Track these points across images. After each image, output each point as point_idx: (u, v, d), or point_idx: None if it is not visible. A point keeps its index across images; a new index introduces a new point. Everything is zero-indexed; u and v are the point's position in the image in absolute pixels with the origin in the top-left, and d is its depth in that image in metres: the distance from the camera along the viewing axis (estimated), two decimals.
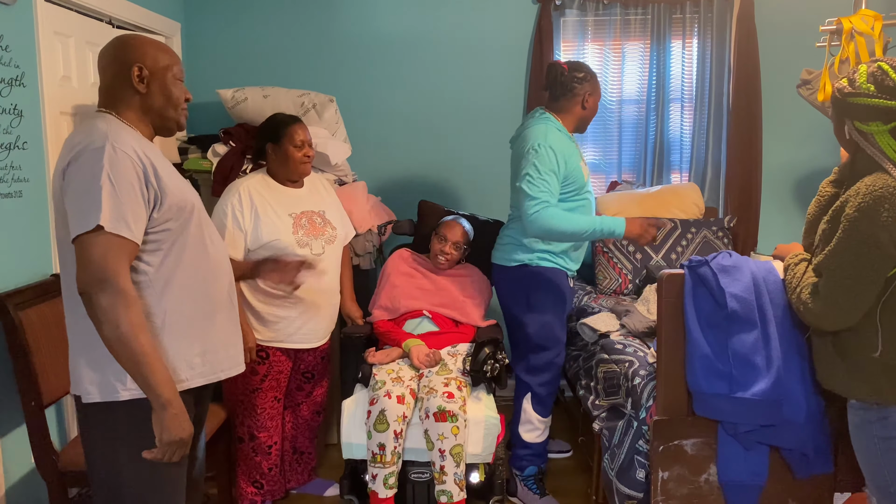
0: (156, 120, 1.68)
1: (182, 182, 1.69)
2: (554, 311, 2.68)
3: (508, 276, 2.71)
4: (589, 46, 3.78)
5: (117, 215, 1.48)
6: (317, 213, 2.65)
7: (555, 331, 2.69)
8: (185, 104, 1.72)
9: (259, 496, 2.69)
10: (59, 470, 2.14)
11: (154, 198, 1.56)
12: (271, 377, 2.61)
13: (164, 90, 1.66)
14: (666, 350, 2.09)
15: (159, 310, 1.59)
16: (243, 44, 3.75)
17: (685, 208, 3.49)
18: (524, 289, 2.67)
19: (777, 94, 3.74)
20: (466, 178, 3.89)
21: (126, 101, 1.64)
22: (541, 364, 2.71)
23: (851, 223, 1.68)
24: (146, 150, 1.59)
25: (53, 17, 2.56)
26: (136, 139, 1.60)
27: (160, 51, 1.67)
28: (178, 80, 1.69)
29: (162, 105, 1.67)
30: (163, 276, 1.59)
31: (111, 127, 1.57)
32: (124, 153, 1.51)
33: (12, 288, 2.19)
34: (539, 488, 2.81)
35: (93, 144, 1.51)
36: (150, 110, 1.66)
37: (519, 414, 2.77)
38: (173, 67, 1.68)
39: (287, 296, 2.50)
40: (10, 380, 2.15)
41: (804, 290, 1.83)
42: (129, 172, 1.51)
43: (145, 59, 1.64)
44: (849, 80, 1.75)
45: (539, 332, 2.67)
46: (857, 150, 1.77)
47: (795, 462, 2.07)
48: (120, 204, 1.48)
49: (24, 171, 2.36)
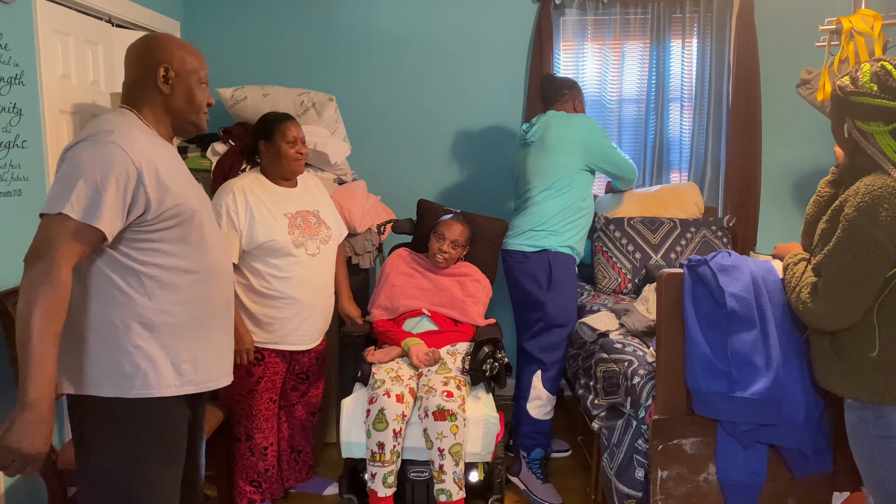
0: (175, 121, 1.70)
1: (190, 186, 1.68)
2: (569, 292, 2.95)
3: (530, 261, 2.93)
4: (588, 46, 3.78)
5: (90, 205, 1.46)
6: (311, 213, 2.64)
7: (570, 309, 2.95)
8: (206, 108, 1.74)
9: (258, 495, 2.69)
10: (58, 468, 2.14)
11: (145, 202, 1.54)
12: (267, 379, 2.61)
13: (187, 93, 1.67)
14: (665, 349, 2.09)
15: (150, 311, 1.58)
16: (243, 42, 3.75)
17: (685, 208, 3.50)
18: (546, 272, 2.90)
19: (777, 93, 3.74)
20: (466, 177, 3.89)
21: (148, 100, 1.66)
22: (556, 341, 2.91)
23: (850, 223, 1.68)
24: (154, 150, 1.59)
25: (53, 16, 2.55)
26: (148, 138, 1.60)
27: (188, 53, 1.69)
28: (202, 83, 1.71)
29: (183, 107, 1.68)
30: (158, 279, 1.59)
31: (123, 123, 1.58)
32: (122, 151, 1.51)
33: (11, 287, 2.19)
34: (543, 473, 2.91)
35: (97, 135, 1.52)
36: (171, 111, 1.67)
37: (528, 391, 2.93)
38: (200, 72, 1.70)
39: (282, 296, 2.51)
40: (8, 379, 2.15)
41: (803, 290, 1.83)
42: (120, 170, 1.50)
43: (172, 61, 1.65)
44: (851, 78, 1.74)
45: (557, 310, 2.90)
46: (857, 149, 1.77)
47: (794, 461, 2.08)
48: (98, 196, 1.47)
49: (24, 170, 2.36)
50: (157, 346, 1.59)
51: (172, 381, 1.61)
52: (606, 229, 3.39)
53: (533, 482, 2.89)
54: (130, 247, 1.57)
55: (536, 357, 2.91)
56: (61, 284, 1.44)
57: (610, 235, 3.38)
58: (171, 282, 1.60)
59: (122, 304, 1.56)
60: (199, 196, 1.73)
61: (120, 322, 1.56)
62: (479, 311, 2.91)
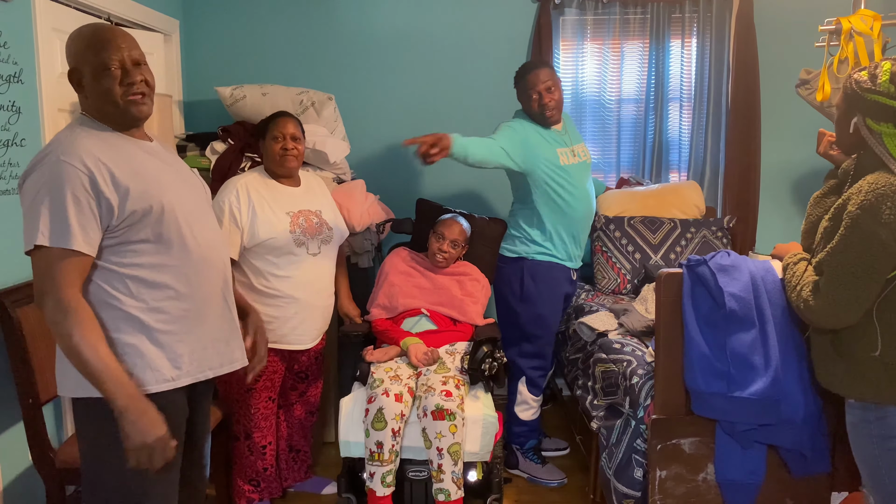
0: (106, 118, 1.62)
1: (159, 181, 1.63)
2: (546, 303, 2.90)
3: (507, 266, 2.95)
4: (588, 45, 3.78)
5: (59, 229, 1.48)
6: (313, 213, 2.64)
7: (546, 322, 2.92)
8: (127, 89, 1.58)
9: (256, 494, 2.69)
10: (57, 467, 2.13)
11: (107, 206, 1.53)
12: (265, 377, 2.60)
13: (93, 88, 1.59)
14: (664, 349, 2.09)
15: (139, 310, 1.58)
16: (242, 41, 3.75)
17: (685, 209, 3.49)
18: (519, 280, 2.90)
19: (776, 93, 3.74)
20: (465, 177, 3.88)
21: (84, 105, 1.65)
22: (532, 351, 2.95)
23: (853, 221, 1.68)
24: (105, 152, 1.56)
25: (51, 14, 2.55)
26: (99, 142, 1.57)
27: (81, 45, 1.58)
28: (105, 68, 1.56)
29: (100, 104, 1.61)
30: (140, 277, 1.59)
31: (70, 134, 1.57)
32: (69, 165, 1.50)
33: (10, 285, 2.18)
34: (539, 458, 3.06)
35: (44, 159, 1.52)
36: (97, 111, 1.62)
37: (514, 395, 3.01)
38: (94, 58, 1.56)
39: (281, 295, 2.51)
40: (7, 377, 2.14)
41: (805, 289, 1.82)
42: (75, 184, 1.49)
43: (72, 61, 1.60)
44: (870, 74, 1.72)
45: (530, 322, 2.90)
46: (862, 146, 1.77)
47: (793, 461, 2.08)
48: (62, 217, 1.48)
49: (22, 169, 2.34)
50: (149, 342, 1.59)
51: (169, 375, 1.62)
52: (606, 229, 3.39)
53: (533, 468, 3.03)
54: (108, 252, 1.57)
55: (517, 363, 2.96)
56: (79, 308, 1.49)
57: (610, 235, 3.37)
58: (156, 279, 1.60)
59: (110, 307, 1.57)
60: (180, 187, 1.69)
61: (110, 324, 1.56)
62: (478, 310, 2.91)
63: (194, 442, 1.79)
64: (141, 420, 1.50)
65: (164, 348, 1.61)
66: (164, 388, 1.61)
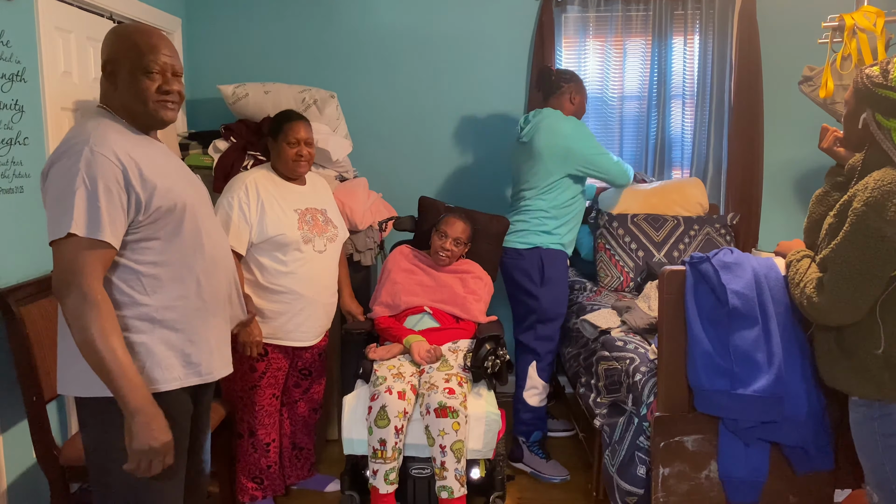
0: (133, 115, 1.63)
1: (179, 180, 1.65)
2: (561, 286, 3.08)
3: (523, 258, 3.05)
4: (590, 43, 3.77)
5: (90, 219, 1.47)
6: (319, 212, 2.65)
7: (562, 302, 3.10)
8: (161, 96, 1.61)
9: (259, 491, 2.70)
10: (61, 465, 2.14)
11: (136, 201, 1.53)
12: (270, 374, 2.61)
13: (127, 85, 1.60)
14: (667, 346, 2.09)
15: (152, 308, 1.58)
16: (244, 39, 3.75)
17: (689, 207, 3.47)
18: (538, 268, 3.03)
19: (778, 90, 3.73)
20: (467, 174, 3.89)
21: (108, 97, 1.64)
22: (549, 332, 3.07)
23: (859, 217, 1.67)
24: (135, 149, 1.57)
25: (54, 13, 2.55)
26: (124, 137, 1.58)
27: (127, 42, 1.60)
28: (146, 71, 1.59)
29: (129, 101, 1.61)
30: (155, 275, 1.59)
31: (98, 126, 1.55)
32: (103, 156, 1.49)
33: (14, 283, 2.19)
34: (544, 452, 3.10)
35: (73, 148, 1.50)
36: (122, 107, 1.62)
37: (524, 381, 3.08)
38: (137, 59, 1.58)
39: (286, 292, 2.52)
40: (11, 375, 2.15)
41: (808, 285, 1.82)
42: (108, 176, 1.49)
43: (111, 53, 1.60)
44: (882, 70, 1.71)
45: (550, 304, 3.04)
46: (870, 141, 1.76)
47: (796, 458, 2.08)
48: (95, 208, 1.47)
49: (25, 167, 2.36)
50: (158, 340, 1.59)
51: (178, 374, 1.62)
52: (610, 226, 3.38)
53: (538, 462, 3.06)
54: (126, 247, 1.56)
55: (531, 348, 3.06)
56: (102, 302, 1.47)
57: (613, 233, 3.37)
58: (170, 277, 1.60)
59: (122, 304, 1.56)
60: (193, 188, 1.70)
61: (120, 322, 1.55)
62: (481, 308, 2.91)
63: (196, 439, 1.80)
64: (151, 423, 1.50)
65: (174, 348, 1.61)
66: (172, 388, 1.61)
